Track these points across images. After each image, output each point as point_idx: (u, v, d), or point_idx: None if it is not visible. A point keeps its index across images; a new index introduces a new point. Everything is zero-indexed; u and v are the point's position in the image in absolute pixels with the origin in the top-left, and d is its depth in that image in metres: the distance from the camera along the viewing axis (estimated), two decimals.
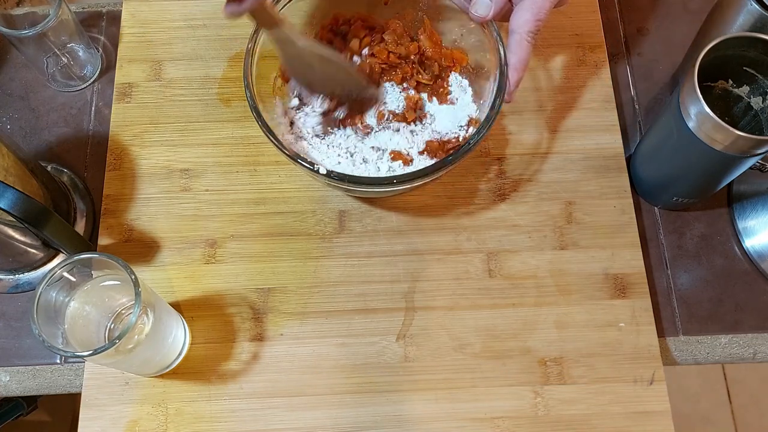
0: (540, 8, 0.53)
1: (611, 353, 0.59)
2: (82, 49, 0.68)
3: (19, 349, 0.61)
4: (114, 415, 0.57)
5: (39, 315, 0.48)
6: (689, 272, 0.63)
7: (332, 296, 0.61)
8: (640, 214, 0.65)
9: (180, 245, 0.63)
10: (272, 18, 0.53)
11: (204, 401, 0.58)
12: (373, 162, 0.59)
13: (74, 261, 0.50)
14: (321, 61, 0.57)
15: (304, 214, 0.64)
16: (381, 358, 0.59)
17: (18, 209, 0.50)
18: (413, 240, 0.63)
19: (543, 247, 0.62)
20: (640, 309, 0.60)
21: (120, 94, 0.68)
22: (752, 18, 0.56)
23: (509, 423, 0.57)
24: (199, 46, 0.70)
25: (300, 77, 0.59)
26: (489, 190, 0.65)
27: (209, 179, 0.65)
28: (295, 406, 0.58)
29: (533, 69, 0.69)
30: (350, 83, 0.59)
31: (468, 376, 0.58)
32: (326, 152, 0.60)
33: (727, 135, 0.51)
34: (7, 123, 0.69)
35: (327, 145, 0.60)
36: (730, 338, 0.62)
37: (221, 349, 0.59)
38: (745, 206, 0.65)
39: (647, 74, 0.71)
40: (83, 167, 0.67)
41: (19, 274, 0.63)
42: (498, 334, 0.60)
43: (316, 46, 0.58)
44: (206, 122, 0.67)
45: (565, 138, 0.66)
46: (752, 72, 0.56)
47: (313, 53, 0.57)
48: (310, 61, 0.57)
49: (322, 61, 0.58)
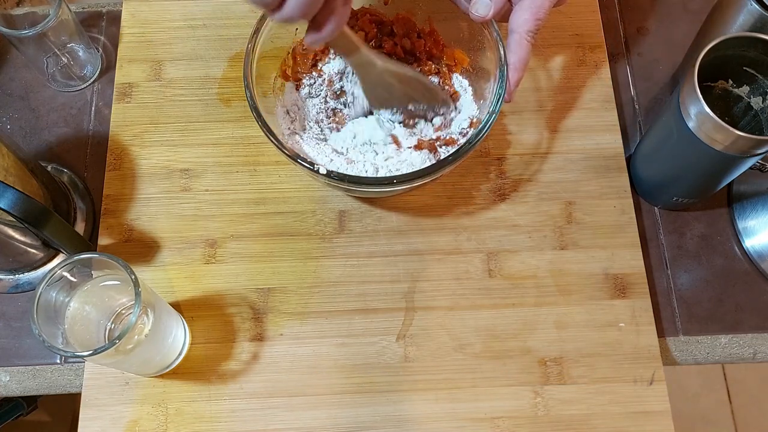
0: (539, 8, 0.53)
1: (611, 353, 0.59)
2: (82, 49, 0.68)
3: (19, 349, 0.61)
4: (114, 415, 0.57)
5: (39, 315, 0.48)
6: (689, 272, 0.63)
7: (332, 296, 0.61)
8: (640, 214, 0.65)
9: (180, 245, 0.63)
10: (352, 44, 0.53)
11: (204, 401, 0.58)
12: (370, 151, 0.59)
13: (74, 261, 0.50)
14: (400, 79, 0.57)
15: (304, 214, 0.64)
16: (381, 358, 0.59)
17: (18, 209, 0.50)
18: (413, 240, 0.63)
19: (543, 247, 0.62)
20: (640, 309, 0.60)
21: (120, 94, 0.68)
22: (752, 18, 0.56)
23: (509, 423, 0.57)
24: (199, 46, 0.70)
25: (381, 98, 0.58)
26: (489, 190, 0.65)
27: (209, 179, 0.65)
28: (295, 406, 0.58)
29: (533, 69, 0.69)
30: (431, 97, 0.59)
31: (468, 376, 0.58)
32: (324, 151, 0.60)
33: (727, 135, 0.51)
34: (7, 123, 0.69)
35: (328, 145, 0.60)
36: (730, 338, 0.62)
37: (221, 349, 0.59)
38: (745, 206, 0.65)
39: (647, 74, 0.71)
40: (83, 167, 0.67)
41: (19, 274, 0.63)
42: (498, 334, 0.60)
43: (393, 64, 0.57)
44: (206, 122, 0.67)
45: (565, 138, 0.66)
46: (752, 72, 0.56)
47: (392, 72, 0.56)
48: (390, 81, 0.57)
49: (401, 78, 0.57)
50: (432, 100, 0.59)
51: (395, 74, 0.57)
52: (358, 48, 0.53)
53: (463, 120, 0.61)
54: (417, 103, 0.58)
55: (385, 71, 0.56)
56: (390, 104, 0.58)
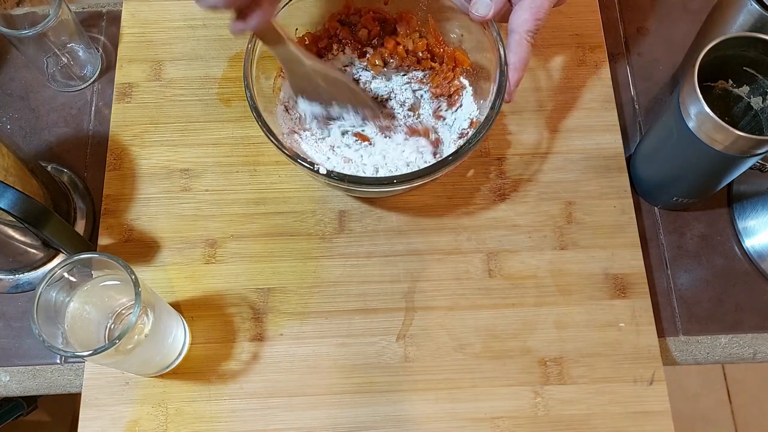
0: (539, 8, 0.53)
1: (611, 353, 0.59)
2: (82, 49, 0.68)
3: (19, 349, 0.61)
4: (114, 415, 0.57)
5: (39, 315, 0.48)
6: (689, 272, 0.63)
7: (332, 296, 0.61)
8: (640, 214, 0.65)
9: (180, 245, 0.63)
10: (278, 36, 0.53)
11: (204, 401, 0.58)
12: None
13: (74, 261, 0.50)
14: (327, 80, 0.58)
15: (304, 214, 0.64)
16: (381, 358, 0.59)
17: (18, 209, 0.50)
18: (413, 240, 0.63)
19: (543, 247, 0.62)
20: (640, 309, 0.60)
21: (120, 94, 0.68)
22: (752, 18, 0.56)
23: (509, 423, 0.57)
24: (199, 46, 0.70)
25: (307, 95, 0.59)
26: (489, 190, 0.65)
27: (209, 179, 0.65)
28: (295, 406, 0.58)
29: (533, 69, 0.69)
30: (356, 101, 0.60)
31: (468, 376, 0.58)
32: (322, 149, 0.60)
33: (727, 135, 0.51)
34: (7, 123, 0.69)
35: (328, 145, 0.60)
36: (730, 338, 0.62)
37: (221, 349, 0.59)
38: (745, 206, 0.65)
39: (647, 74, 0.71)
40: (83, 167, 0.67)
41: (19, 274, 0.63)
42: (498, 334, 0.60)
43: (323, 67, 0.58)
44: (206, 122, 0.67)
45: (565, 138, 0.66)
46: (752, 72, 0.56)
47: (319, 73, 0.57)
48: (317, 81, 0.57)
49: (328, 80, 0.58)
50: (357, 104, 0.60)
51: (321, 74, 0.58)
52: (283, 41, 0.54)
53: (463, 120, 0.61)
54: (341, 104, 0.59)
55: (312, 70, 0.57)
56: (314, 99, 0.59)
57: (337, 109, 0.60)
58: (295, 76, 0.58)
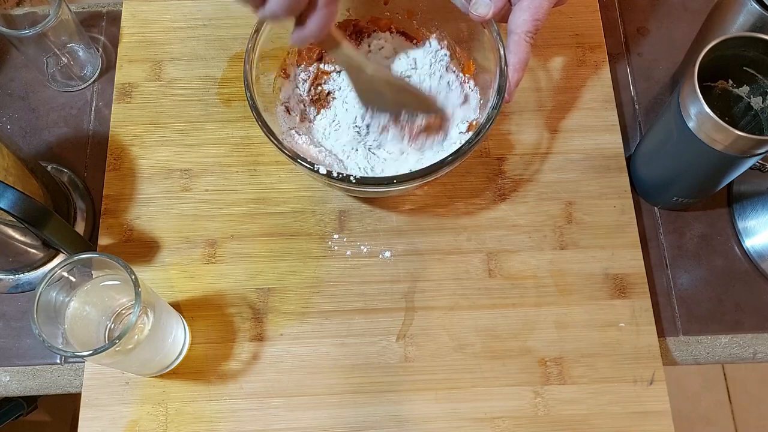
0: (538, 8, 0.53)
1: (611, 353, 0.59)
2: (82, 49, 0.68)
3: (19, 349, 0.61)
4: (114, 415, 0.57)
5: (39, 315, 0.48)
6: (689, 272, 0.63)
7: (332, 296, 0.61)
8: (640, 214, 0.65)
9: (180, 245, 0.63)
10: (335, 40, 0.53)
11: (204, 401, 0.58)
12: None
13: (74, 261, 0.50)
14: (391, 87, 0.57)
15: (304, 214, 0.64)
16: (381, 358, 0.59)
17: (18, 209, 0.50)
18: (413, 240, 0.63)
19: (543, 247, 0.62)
20: (640, 309, 0.60)
21: (120, 94, 0.68)
22: (752, 18, 0.56)
23: (509, 423, 0.57)
24: (199, 46, 0.70)
25: (372, 102, 0.58)
26: (489, 190, 0.65)
27: (209, 179, 0.65)
28: (294, 406, 0.58)
29: (533, 69, 0.69)
30: (420, 106, 0.58)
31: (468, 376, 0.58)
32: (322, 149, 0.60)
33: (727, 135, 0.51)
34: (7, 123, 0.69)
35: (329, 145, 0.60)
36: (730, 338, 0.62)
37: (221, 349, 0.59)
38: (745, 206, 0.65)
39: (647, 74, 0.71)
40: (83, 167, 0.67)
41: (19, 274, 0.63)
42: (498, 334, 0.60)
43: (385, 72, 0.57)
44: (206, 122, 0.67)
45: (565, 138, 0.66)
46: (752, 72, 0.56)
47: (383, 79, 0.57)
48: (381, 89, 0.57)
49: (392, 87, 0.57)
50: (424, 109, 0.58)
51: (386, 82, 0.57)
52: (340, 44, 0.53)
53: (463, 121, 0.61)
54: (409, 111, 0.58)
55: (375, 78, 0.56)
56: (381, 109, 0.58)
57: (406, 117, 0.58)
58: (360, 85, 0.56)
